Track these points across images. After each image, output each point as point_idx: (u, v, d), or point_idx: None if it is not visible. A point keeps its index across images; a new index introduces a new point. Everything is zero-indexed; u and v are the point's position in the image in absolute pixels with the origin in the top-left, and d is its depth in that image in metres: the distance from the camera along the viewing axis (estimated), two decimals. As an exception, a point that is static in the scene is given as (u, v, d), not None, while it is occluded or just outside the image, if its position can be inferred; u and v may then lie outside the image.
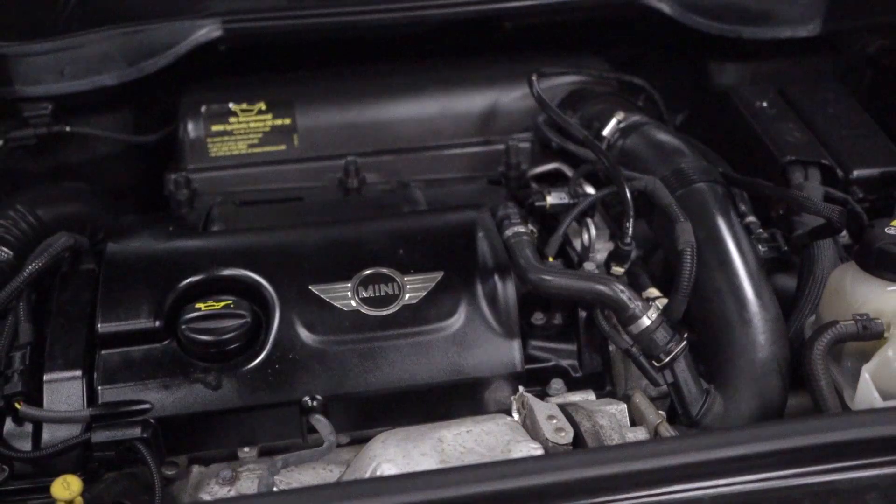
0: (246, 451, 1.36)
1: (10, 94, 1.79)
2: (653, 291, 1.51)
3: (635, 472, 1.00)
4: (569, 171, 1.74)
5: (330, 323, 1.37)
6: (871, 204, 1.69)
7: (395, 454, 1.20)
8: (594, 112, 1.76)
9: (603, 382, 1.45)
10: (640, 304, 1.35)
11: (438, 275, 1.42)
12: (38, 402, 1.30)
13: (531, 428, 1.27)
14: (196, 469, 1.37)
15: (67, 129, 1.84)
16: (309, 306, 1.38)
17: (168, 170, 1.82)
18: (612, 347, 1.44)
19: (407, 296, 1.40)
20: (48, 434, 1.29)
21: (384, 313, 1.38)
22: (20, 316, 1.39)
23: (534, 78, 1.69)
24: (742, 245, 1.45)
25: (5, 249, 1.57)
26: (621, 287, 1.36)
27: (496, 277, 1.41)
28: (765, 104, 1.81)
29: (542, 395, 1.37)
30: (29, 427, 1.30)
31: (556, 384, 1.42)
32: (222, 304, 1.36)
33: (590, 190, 1.64)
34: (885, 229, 1.31)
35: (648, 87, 1.94)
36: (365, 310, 1.38)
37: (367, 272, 1.41)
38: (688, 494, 1.00)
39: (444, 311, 1.39)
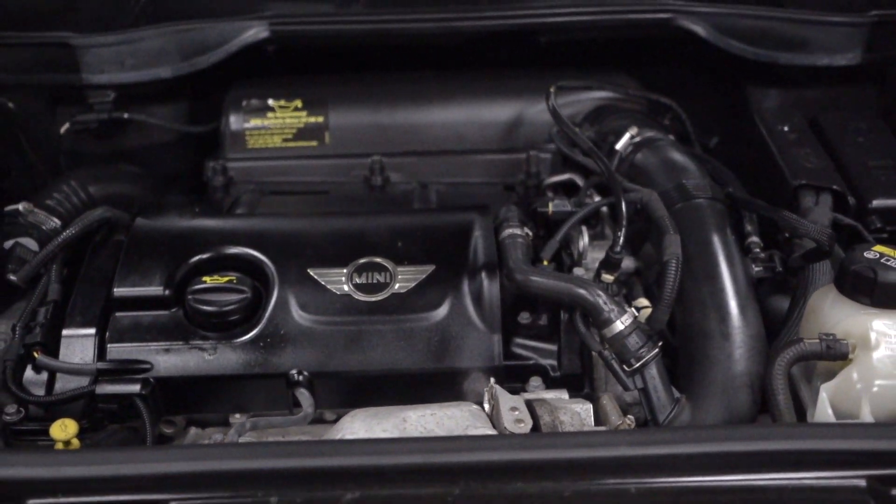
0: (237, 418, 1.46)
1: (78, 81, 1.96)
2: (642, 301, 1.55)
3: (553, 459, 1.05)
4: (581, 182, 1.79)
5: (321, 304, 1.46)
6: (890, 235, 1.68)
7: (359, 428, 1.28)
8: (612, 127, 1.80)
9: (581, 384, 1.49)
10: (615, 309, 1.39)
11: (430, 268, 1.49)
12: (54, 354, 1.44)
13: (495, 417, 1.33)
14: (193, 430, 1.48)
15: (126, 115, 2.01)
16: (305, 287, 1.47)
17: (208, 158, 1.96)
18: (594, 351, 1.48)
19: (397, 285, 1.48)
20: (60, 384, 1.43)
21: (373, 299, 1.46)
22: (51, 277, 1.54)
23: (552, 90, 1.74)
24: (733, 262, 1.47)
25: (54, 219, 1.75)
26: (598, 291, 1.40)
27: (483, 275, 1.48)
28: (786, 128, 1.81)
29: (519, 391, 1.43)
30: (45, 376, 1.44)
31: (535, 382, 1.47)
32: (226, 279, 1.47)
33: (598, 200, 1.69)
34: (864, 253, 1.31)
35: (675, 107, 1.97)
36: (356, 295, 1.47)
37: (363, 260, 1.50)
38: (603, 486, 1.04)
39: (431, 302, 1.46)
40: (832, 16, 1.95)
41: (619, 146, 1.72)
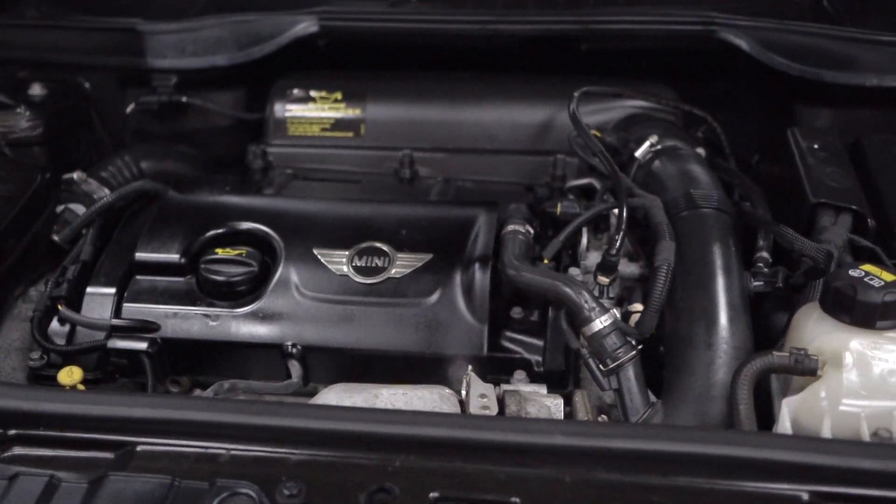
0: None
1: (143, 64, 2.12)
2: (636, 306, 1.55)
3: (489, 441, 1.09)
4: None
5: (320, 283, 1.53)
6: (916, 264, 1.62)
7: (332, 400, 1.36)
8: (636, 135, 1.81)
9: (565, 382, 1.51)
10: (597, 309, 1.40)
11: (428, 256, 1.54)
12: (78, 309, 1.56)
13: (467, 404, 1.37)
14: (197, 391, 1.58)
15: (184, 99, 2.15)
16: (307, 266, 1.55)
17: (251, 142, 2.08)
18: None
19: (394, 270, 1.54)
20: (80, 337, 1.55)
21: (369, 281, 1.53)
22: (87, 239, 1.68)
23: (575, 95, 1.77)
24: (730, 273, 1.47)
25: (105, 190, 1.89)
26: (583, 291, 1.42)
27: (476, 267, 1.52)
28: (816, 146, 1.77)
29: (502, 383, 1.46)
30: (67, 328, 1.56)
31: (519, 375, 1.50)
32: (236, 252, 1.57)
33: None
34: (850, 271, 1.28)
35: (710, 120, 1.95)
36: (353, 276, 1.53)
37: (365, 244, 1.56)
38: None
39: (423, 289, 1.51)
40: (883, 35, 1.90)
41: (638, 153, 1.73)
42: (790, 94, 2.05)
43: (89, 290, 1.57)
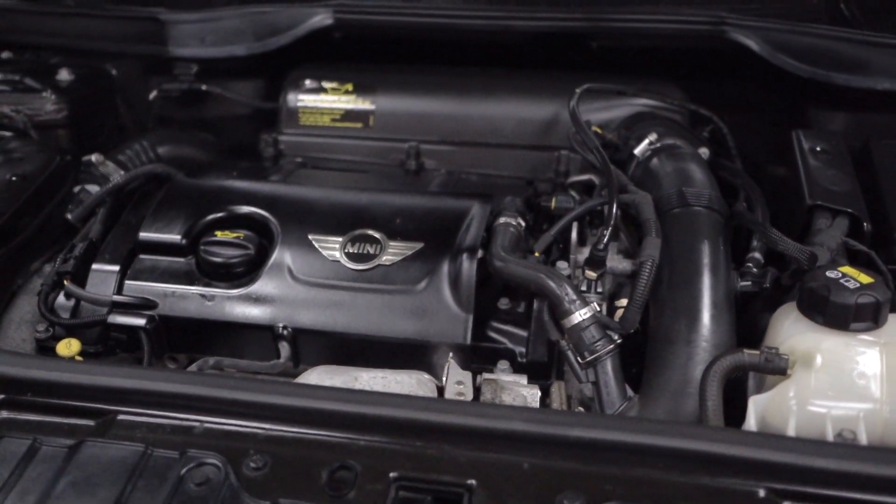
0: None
1: (165, 53, 2.19)
2: (623, 301, 1.56)
3: (449, 424, 1.12)
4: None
5: (312, 268, 1.57)
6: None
7: (313, 380, 1.39)
8: (637, 132, 1.82)
9: (547, 373, 1.53)
10: (577, 302, 1.42)
11: (419, 245, 1.57)
12: (83, 284, 1.62)
13: (445, 389, 1.40)
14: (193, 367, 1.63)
15: (203, 87, 2.21)
16: (301, 251, 1.59)
17: (264, 131, 2.13)
18: (568, 343, 1.51)
19: (385, 257, 1.57)
20: (84, 312, 1.62)
21: (359, 268, 1.56)
22: (97, 218, 1.74)
23: (577, 91, 1.78)
24: (716, 271, 1.47)
25: (122, 172, 1.96)
26: (565, 285, 1.43)
27: (464, 258, 1.54)
28: (818, 148, 1.76)
29: (484, 371, 1.49)
30: (72, 303, 1.63)
31: (502, 365, 1.52)
32: (235, 235, 1.62)
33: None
34: (827, 272, 1.28)
35: (716, 120, 1.95)
36: (345, 262, 1.57)
37: (358, 232, 1.60)
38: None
39: (411, 277, 1.54)
40: (895, 38, 1.88)
41: (637, 151, 1.74)
42: (802, 97, 2.04)
43: (94, 266, 1.63)
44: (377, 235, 1.59)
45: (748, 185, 1.78)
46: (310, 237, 1.61)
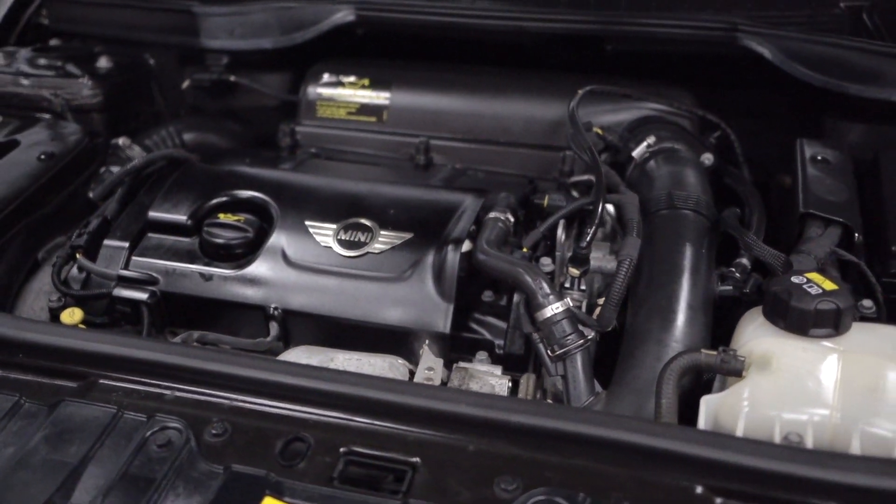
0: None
1: (197, 44, 2.28)
2: (602, 299, 1.58)
3: (396, 403, 1.16)
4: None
5: (306, 253, 1.63)
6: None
7: (292, 358, 1.46)
8: (639, 135, 1.83)
9: (525, 365, 1.56)
10: (550, 296, 1.45)
11: (408, 235, 1.62)
12: (94, 258, 1.72)
13: (416, 374, 1.44)
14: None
15: (232, 78, 2.30)
16: (297, 236, 1.66)
17: (283, 122, 2.21)
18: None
19: (374, 246, 1.62)
20: (94, 285, 1.71)
21: (349, 254, 1.62)
22: (115, 197, 1.84)
23: (579, 92, 1.81)
24: (696, 274, 1.49)
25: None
26: (539, 278, 1.46)
27: (449, 249, 1.58)
28: (819, 157, 1.75)
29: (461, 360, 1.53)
30: (84, 275, 1.73)
31: (481, 356, 1.56)
32: (236, 218, 1.69)
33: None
34: (792, 277, 1.29)
35: (724, 126, 1.94)
36: (336, 249, 1.63)
37: (352, 220, 1.66)
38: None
39: (398, 266, 1.59)
40: (911, 49, 1.85)
41: (635, 153, 1.76)
42: (816, 106, 2.02)
43: (106, 242, 1.72)
44: (369, 224, 1.64)
45: (749, 191, 1.78)
46: (306, 223, 1.67)
